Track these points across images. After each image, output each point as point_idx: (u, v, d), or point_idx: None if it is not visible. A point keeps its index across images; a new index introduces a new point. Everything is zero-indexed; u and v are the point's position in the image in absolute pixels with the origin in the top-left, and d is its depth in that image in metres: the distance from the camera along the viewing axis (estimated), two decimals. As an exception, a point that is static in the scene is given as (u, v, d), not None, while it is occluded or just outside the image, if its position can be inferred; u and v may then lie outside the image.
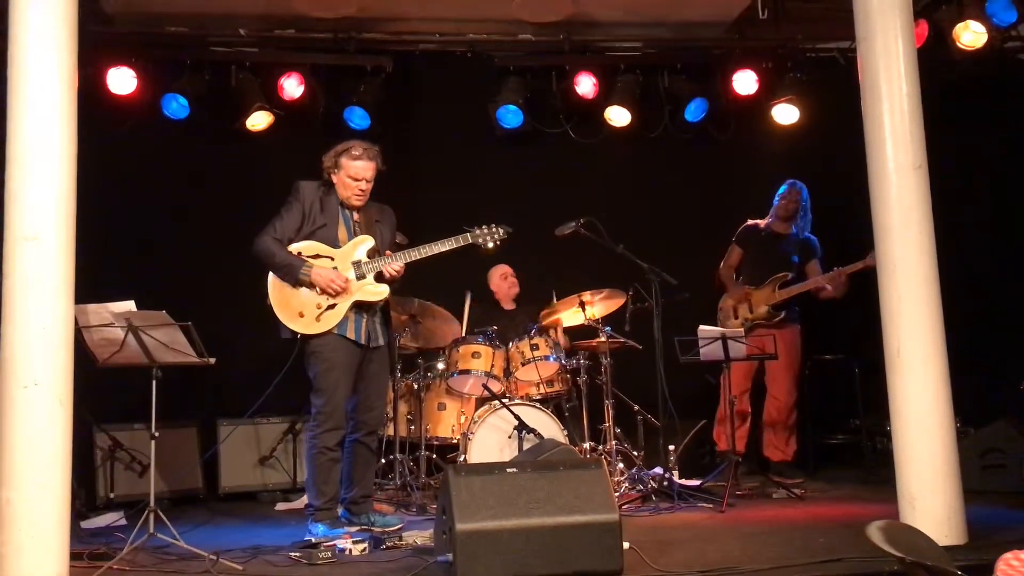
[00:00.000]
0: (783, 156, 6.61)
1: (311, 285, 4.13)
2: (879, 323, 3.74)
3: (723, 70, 6.54)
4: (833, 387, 6.35)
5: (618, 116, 6.52)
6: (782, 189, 5.79)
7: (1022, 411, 5.24)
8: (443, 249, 4.28)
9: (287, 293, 4.15)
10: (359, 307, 4.22)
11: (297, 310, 4.14)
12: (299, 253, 4.17)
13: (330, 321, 4.14)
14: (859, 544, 3.37)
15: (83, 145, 3.46)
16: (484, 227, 4.34)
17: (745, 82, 6.49)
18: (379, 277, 4.25)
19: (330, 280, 4.13)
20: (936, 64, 5.40)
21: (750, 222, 5.90)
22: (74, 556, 3.37)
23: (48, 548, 3.16)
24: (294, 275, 4.12)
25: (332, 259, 4.21)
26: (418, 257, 4.28)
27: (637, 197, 6.56)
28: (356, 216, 4.34)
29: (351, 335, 4.19)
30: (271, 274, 4.17)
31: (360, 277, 4.22)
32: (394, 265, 4.23)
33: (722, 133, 6.72)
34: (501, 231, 4.35)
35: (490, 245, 4.34)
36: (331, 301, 4.15)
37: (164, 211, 6.17)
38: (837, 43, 6.42)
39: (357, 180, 4.25)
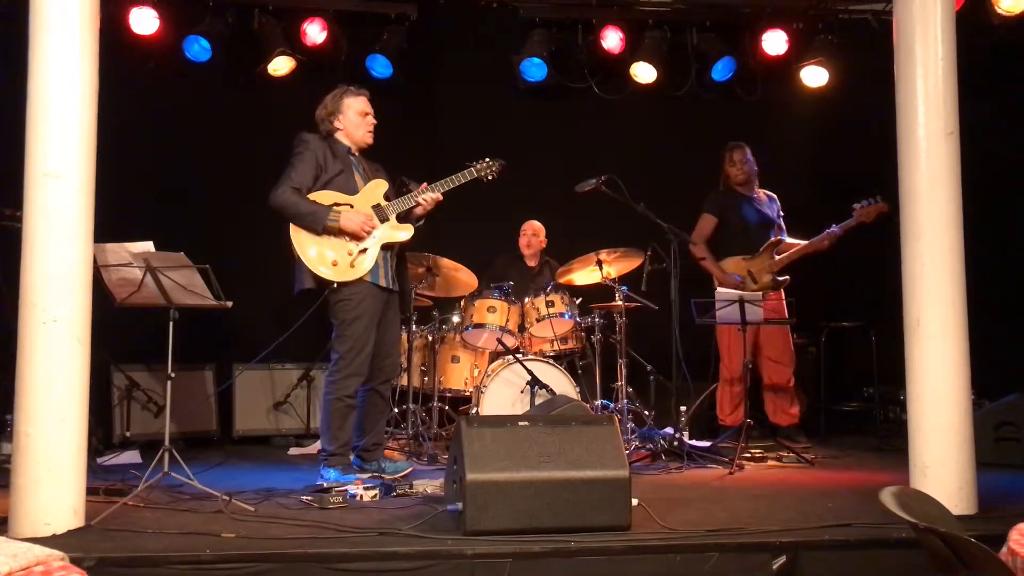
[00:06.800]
0: (810, 119, 6.51)
1: (338, 232, 4.10)
2: (898, 291, 3.70)
3: (752, 29, 6.42)
4: (848, 355, 6.32)
5: (644, 73, 6.43)
6: (733, 153, 5.60)
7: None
8: (453, 185, 4.33)
9: (317, 242, 4.10)
10: (384, 250, 4.23)
11: (330, 259, 4.11)
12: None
13: (364, 266, 4.15)
14: (868, 510, 3.39)
15: (104, 86, 3.43)
16: (482, 161, 4.42)
17: (775, 42, 6.38)
18: (401, 219, 4.26)
19: (362, 222, 4.12)
20: (972, 29, 5.26)
21: (714, 191, 5.68)
22: (90, 491, 3.42)
23: (65, 482, 3.21)
24: (321, 223, 4.08)
25: (351, 205, 4.19)
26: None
27: (660, 156, 6.48)
28: (363, 164, 4.34)
29: (382, 282, 4.22)
30: (292, 226, 4.11)
31: (383, 220, 4.22)
32: (428, 194, 4.25)
33: (749, 94, 6.62)
34: (496, 165, 4.43)
35: (489, 178, 4.43)
36: (362, 245, 4.14)
37: (184, 155, 6.15)
38: (871, 4, 6.28)
39: (367, 114, 4.28)
